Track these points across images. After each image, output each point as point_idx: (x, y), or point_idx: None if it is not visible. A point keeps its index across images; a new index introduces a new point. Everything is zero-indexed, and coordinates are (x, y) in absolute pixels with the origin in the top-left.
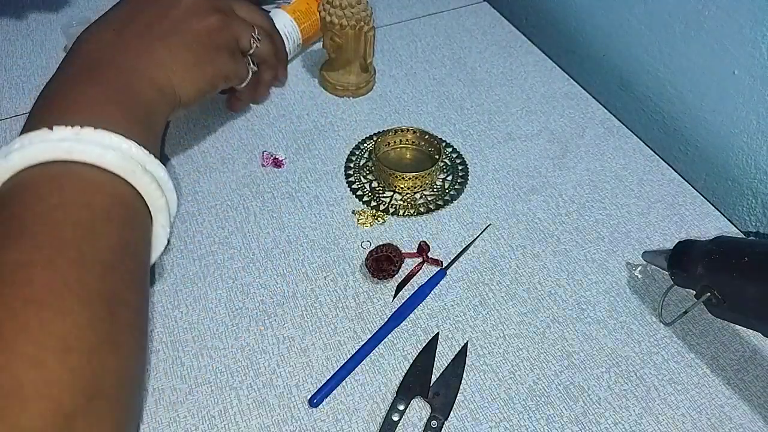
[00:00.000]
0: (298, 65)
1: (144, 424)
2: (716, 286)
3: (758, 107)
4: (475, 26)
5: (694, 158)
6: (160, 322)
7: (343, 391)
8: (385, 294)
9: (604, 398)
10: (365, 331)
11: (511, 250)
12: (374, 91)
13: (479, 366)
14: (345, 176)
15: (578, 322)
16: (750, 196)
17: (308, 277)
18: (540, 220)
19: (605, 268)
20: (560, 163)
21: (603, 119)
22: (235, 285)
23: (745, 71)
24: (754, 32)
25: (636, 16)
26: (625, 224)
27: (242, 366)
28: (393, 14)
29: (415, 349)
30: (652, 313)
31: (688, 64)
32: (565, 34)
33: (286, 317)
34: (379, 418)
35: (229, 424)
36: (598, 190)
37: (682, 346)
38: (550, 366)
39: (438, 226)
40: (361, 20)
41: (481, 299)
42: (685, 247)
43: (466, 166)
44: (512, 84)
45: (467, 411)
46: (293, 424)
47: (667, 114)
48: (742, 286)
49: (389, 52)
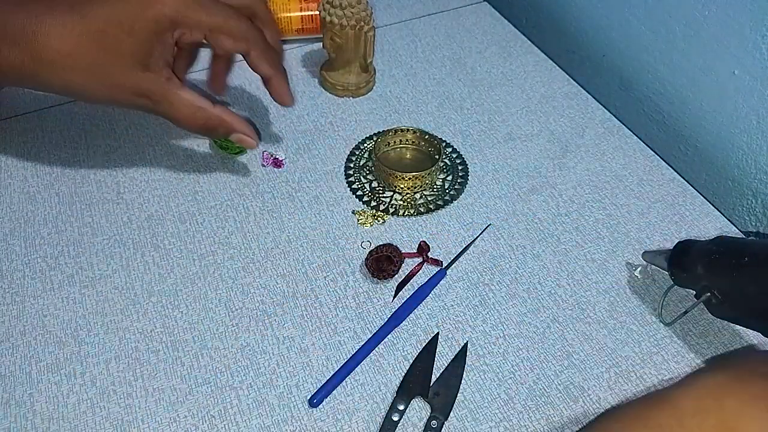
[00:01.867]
0: (298, 65)
1: (144, 424)
2: (716, 286)
3: (758, 107)
4: (475, 26)
5: (694, 158)
6: (160, 322)
7: (343, 391)
8: (385, 294)
9: (604, 398)
10: (365, 331)
11: (511, 250)
12: (374, 91)
13: (479, 366)
14: (345, 176)
15: (578, 322)
16: (750, 196)
17: (308, 277)
18: (540, 220)
19: (605, 268)
20: (560, 163)
21: (603, 119)
22: (235, 285)
23: (745, 71)
24: (754, 32)
25: (636, 16)
26: (625, 224)
27: (242, 366)
28: (393, 14)
29: (415, 349)
30: (652, 313)
31: (688, 64)
32: (565, 34)
33: (286, 317)
34: (379, 418)
35: (229, 424)
36: (598, 190)
37: (682, 346)
38: (550, 366)
39: (438, 226)
40: (361, 20)
41: (481, 299)
42: (685, 247)
43: (466, 166)
44: (512, 84)
45: (467, 411)
46: (293, 424)
47: (667, 114)
48: (742, 286)
49: (389, 52)
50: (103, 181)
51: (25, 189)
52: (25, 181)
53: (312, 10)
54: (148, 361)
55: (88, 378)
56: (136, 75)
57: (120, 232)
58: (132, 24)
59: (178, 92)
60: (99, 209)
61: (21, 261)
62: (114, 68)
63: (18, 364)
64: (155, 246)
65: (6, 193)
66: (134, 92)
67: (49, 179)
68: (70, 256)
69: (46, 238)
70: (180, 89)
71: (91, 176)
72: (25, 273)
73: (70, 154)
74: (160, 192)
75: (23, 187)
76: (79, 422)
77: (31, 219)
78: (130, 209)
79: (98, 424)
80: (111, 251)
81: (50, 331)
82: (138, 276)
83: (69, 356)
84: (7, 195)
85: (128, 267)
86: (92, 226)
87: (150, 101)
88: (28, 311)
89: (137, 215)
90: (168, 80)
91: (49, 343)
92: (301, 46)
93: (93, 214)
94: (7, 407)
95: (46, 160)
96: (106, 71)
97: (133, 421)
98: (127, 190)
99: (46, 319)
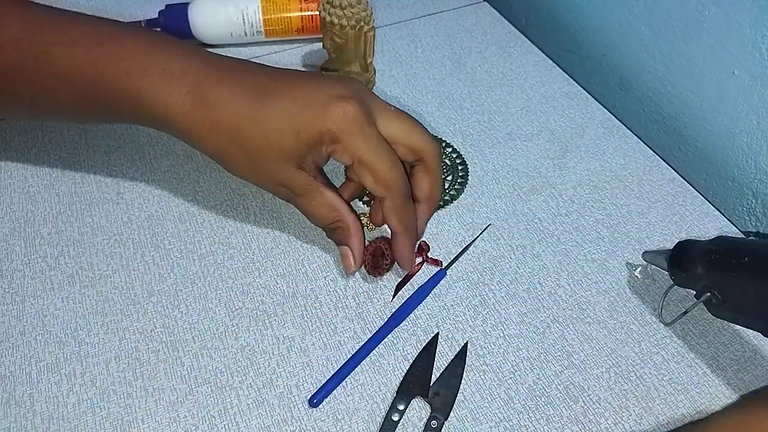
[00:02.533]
0: (298, 65)
1: (144, 424)
2: (716, 286)
3: (758, 107)
4: (475, 26)
5: (694, 158)
6: (160, 322)
7: (343, 391)
8: (385, 294)
9: (604, 398)
10: (365, 331)
11: (511, 250)
12: (374, 91)
13: (479, 366)
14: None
15: (578, 322)
16: (750, 196)
17: (308, 277)
18: (540, 220)
19: (605, 268)
20: (560, 163)
21: (603, 119)
22: (235, 285)
23: (745, 71)
24: (754, 32)
25: (636, 16)
26: (625, 224)
27: (242, 366)
28: (393, 14)
29: (415, 349)
30: (652, 313)
31: (688, 64)
32: (565, 34)
33: (286, 317)
34: (379, 418)
35: (229, 424)
36: (598, 190)
37: (682, 346)
38: (550, 366)
39: (438, 226)
40: (361, 20)
41: (481, 299)
42: (685, 247)
43: (466, 166)
44: (512, 84)
45: (467, 411)
46: (293, 424)
47: (667, 114)
48: (742, 286)
49: (389, 52)
50: (103, 181)
51: (25, 189)
52: (25, 181)
53: (312, 10)
54: (148, 361)
55: (88, 378)
56: (289, 171)
57: (120, 232)
58: (300, 127)
59: (321, 190)
60: (99, 209)
61: (21, 261)
62: (270, 160)
63: (18, 364)
64: (155, 246)
65: (6, 193)
66: (280, 183)
67: (49, 179)
68: (70, 256)
69: (46, 238)
70: (324, 188)
71: (91, 176)
72: (25, 273)
73: (70, 154)
74: (160, 192)
75: (23, 187)
76: (79, 422)
77: (31, 219)
78: (130, 209)
79: (98, 424)
80: (111, 251)
81: (50, 331)
82: (138, 276)
83: (69, 356)
84: (7, 195)
85: (128, 267)
86: (92, 226)
87: (292, 193)
88: (28, 311)
89: (137, 215)
90: (314, 179)
91: (49, 343)
92: (301, 46)
93: (93, 214)
94: (7, 407)
95: (46, 160)
96: (262, 159)
97: (133, 421)
98: (127, 190)
99: (46, 319)
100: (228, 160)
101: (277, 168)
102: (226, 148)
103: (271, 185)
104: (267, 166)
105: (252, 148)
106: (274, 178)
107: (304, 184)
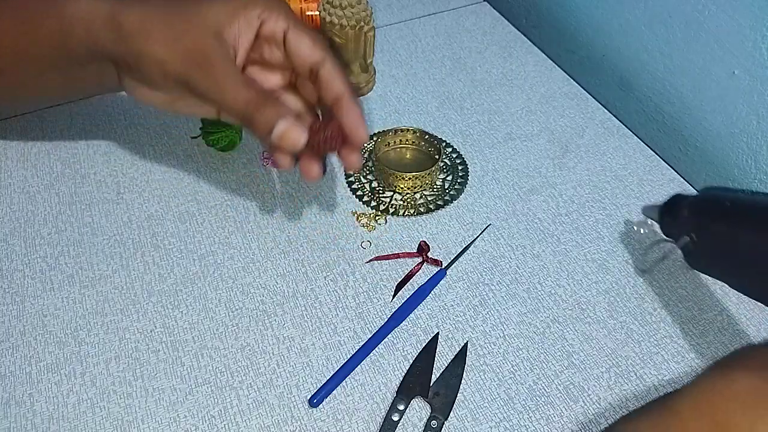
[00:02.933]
0: None
1: (144, 424)
2: (696, 229)
3: (758, 107)
4: (475, 26)
5: (694, 158)
6: (160, 322)
7: (343, 391)
8: (385, 294)
9: (604, 398)
10: (365, 331)
11: (511, 250)
12: (374, 91)
13: (479, 366)
14: (345, 176)
15: (578, 322)
16: None
17: (308, 277)
18: (540, 220)
19: (605, 268)
20: (560, 163)
21: (603, 119)
22: (235, 285)
23: (745, 71)
24: (754, 32)
25: (636, 16)
26: (625, 224)
27: (242, 366)
28: (393, 14)
29: (415, 349)
30: (652, 314)
31: (688, 64)
32: (565, 34)
33: (286, 317)
34: (379, 418)
35: (229, 424)
36: (598, 190)
37: (682, 346)
38: (550, 366)
39: (438, 226)
40: (361, 20)
41: (481, 299)
42: (677, 197)
43: (466, 166)
44: (512, 84)
45: (467, 411)
46: (293, 424)
47: (667, 114)
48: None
49: (389, 52)
50: (103, 181)
51: (25, 189)
52: (25, 181)
53: (312, 10)
54: (148, 361)
55: (88, 378)
56: (209, 37)
57: (120, 232)
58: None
59: (233, 66)
60: (99, 209)
61: (21, 261)
62: (195, 27)
63: (18, 364)
64: (155, 246)
65: (6, 193)
66: (199, 50)
67: (49, 179)
68: (70, 256)
69: (46, 238)
70: (236, 67)
71: (91, 176)
72: (25, 273)
73: (70, 154)
74: (160, 192)
75: (23, 187)
76: (79, 422)
77: (31, 219)
78: (130, 209)
79: (98, 424)
80: (111, 251)
81: (50, 331)
82: (138, 276)
83: (69, 356)
84: (7, 195)
85: (128, 267)
86: (92, 226)
87: (207, 69)
88: (28, 311)
89: (137, 215)
90: (233, 49)
91: (49, 343)
92: None
93: (93, 214)
94: (7, 407)
95: (46, 160)
96: (185, 28)
97: (133, 421)
98: (127, 190)
99: (46, 319)
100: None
101: (201, 33)
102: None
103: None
104: (190, 33)
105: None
106: (196, 45)
107: (224, 51)
